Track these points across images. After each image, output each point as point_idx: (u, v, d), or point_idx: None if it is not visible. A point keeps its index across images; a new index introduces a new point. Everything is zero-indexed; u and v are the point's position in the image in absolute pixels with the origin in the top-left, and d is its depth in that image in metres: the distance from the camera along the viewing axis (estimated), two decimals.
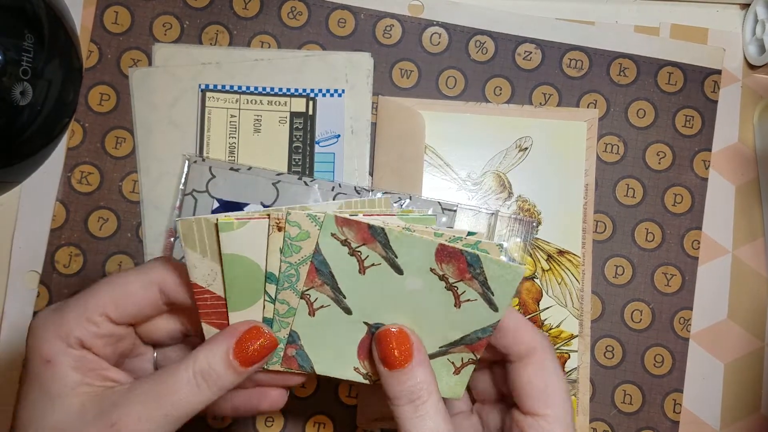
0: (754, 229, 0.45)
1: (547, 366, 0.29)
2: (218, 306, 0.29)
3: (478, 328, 0.29)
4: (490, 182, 0.43)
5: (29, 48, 0.39)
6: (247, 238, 0.27)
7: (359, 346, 0.30)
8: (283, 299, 0.29)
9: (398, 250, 0.28)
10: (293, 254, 0.28)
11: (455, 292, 0.28)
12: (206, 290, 0.29)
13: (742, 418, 0.44)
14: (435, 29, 0.44)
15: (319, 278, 0.28)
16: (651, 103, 0.44)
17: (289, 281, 0.28)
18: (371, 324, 0.29)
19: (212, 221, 0.27)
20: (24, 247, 0.42)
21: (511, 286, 0.28)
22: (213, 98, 0.43)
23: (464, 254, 0.27)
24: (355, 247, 0.28)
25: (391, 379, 0.28)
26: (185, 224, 0.27)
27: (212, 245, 0.28)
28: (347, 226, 0.27)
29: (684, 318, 0.43)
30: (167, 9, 0.43)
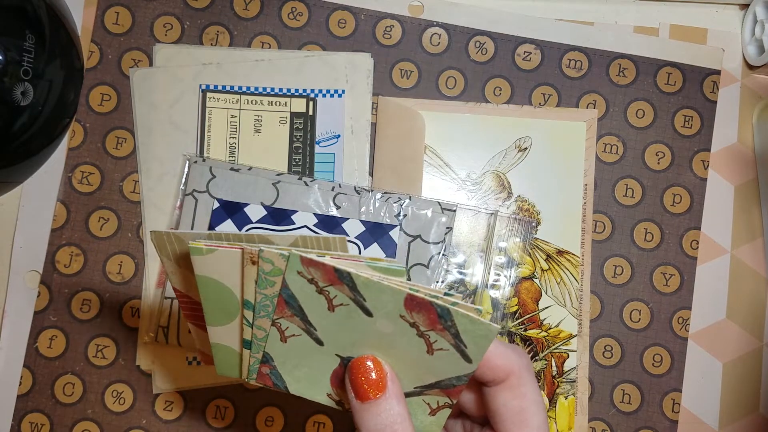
0: (753, 229, 0.45)
1: (522, 389, 0.28)
2: (196, 309, 0.30)
3: (452, 375, 0.28)
4: (489, 182, 0.43)
5: (30, 48, 0.39)
6: (217, 263, 0.28)
7: (332, 375, 0.30)
8: (259, 326, 0.29)
9: (366, 294, 0.27)
10: (268, 287, 0.28)
11: (427, 339, 0.27)
12: (185, 294, 0.30)
13: (740, 417, 0.44)
14: (435, 30, 0.44)
15: (289, 310, 0.28)
16: (650, 104, 0.44)
17: (265, 310, 0.29)
18: (344, 357, 0.29)
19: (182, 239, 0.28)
20: (25, 246, 0.42)
21: (484, 341, 0.27)
22: (213, 98, 0.43)
23: (434, 306, 0.26)
24: (322, 287, 0.27)
25: (363, 412, 0.27)
26: (158, 236, 0.28)
27: (183, 257, 0.28)
28: (313, 267, 0.27)
29: (683, 318, 0.43)
30: (168, 9, 0.43)
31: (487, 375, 0.28)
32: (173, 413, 0.42)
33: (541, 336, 0.42)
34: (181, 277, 0.29)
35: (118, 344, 0.42)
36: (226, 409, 0.42)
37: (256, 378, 0.31)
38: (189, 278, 0.29)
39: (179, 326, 0.41)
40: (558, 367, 0.42)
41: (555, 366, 0.42)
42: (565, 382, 0.42)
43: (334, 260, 0.27)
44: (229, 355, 0.31)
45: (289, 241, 0.29)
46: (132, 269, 0.42)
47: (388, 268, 0.27)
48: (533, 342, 0.42)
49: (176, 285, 0.29)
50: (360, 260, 0.27)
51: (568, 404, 0.42)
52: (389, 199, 0.41)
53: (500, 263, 0.42)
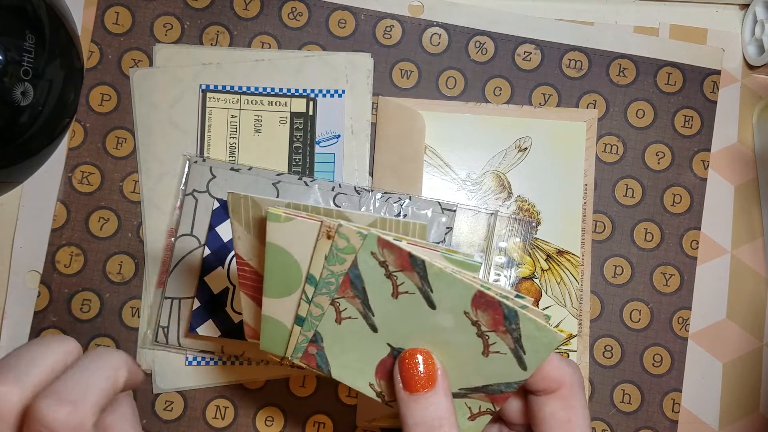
0: (753, 229, 0.45)
1: (572, 401, 0.28)
2: (254, 279, 0.30)
3: (502, 381, 0.28)
4: (489, 182, 0.43)
5: (30, 48, 0.39)
6: (291, 233, 0.28)
7: (378, 364, 0.29)
8: (318, 303, 0.29)
9: (435, 285, 0.27)
10: (337, 264, 0.28)
11: (485, 340, 0.27)
12: (246, 263, 0.30)
13: (740, 417, 0.44)
14: (435, 30, 0.44)
15: (352, 291, 0.28)
16: (650, 104, 0.44)
17: (327, 288, 0.28)
18: (395, 347, 0.29)
19: (260, 205, 0.28)
20: (25, 246, 0.42)
21: (546, 349, 0.26)
22: (213, 98, 0.43)
23: (502, 306, 0.26)
24: (392, 271, 0.27)
25: (411, 403, 0.26)
26: (235, 198, 0.28)
27: (255, 224, 0.28)
28: (388, 249, 0.27)
29: (682, 318, 0.43)
30: (168, 9, 0.43)
31: (539, 384, 0.28)
32: (173, 413, 0.42)
33: None
34: (248, 243, 0.29)
35: (118, 344, 0.42)
36: (226, 409, 0.42)
37: (301, 357, 0.30)
38: (256, 246, 0.29)
39: (179, 326, 0.41)
40: None
41: None
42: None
43: (410, 246, 0.27)
44: (278, 330, 0.30)
45: (368, 221, 0.28)
46: (132, 269, 0.42)
47: (463, 262, 0.27)
48: None
49: (241, 251, 0.29)
50: (436, 250, 0.27)
51: None
52: (389, 199, 0.41)
53: (500, 263, 0.42)
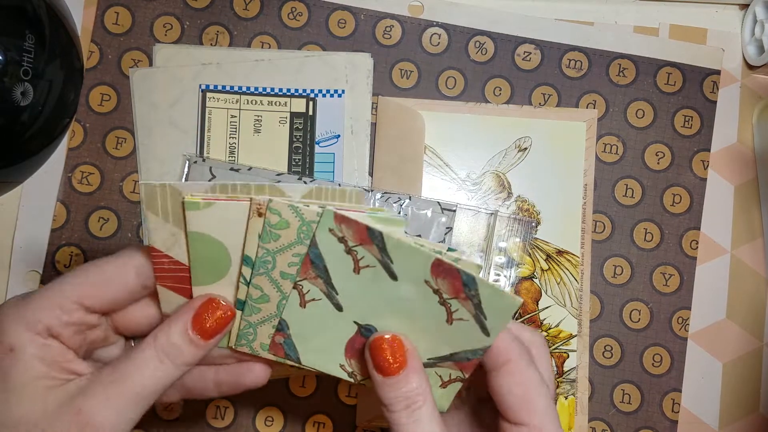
0: (753, 229, 0.45)
1: (524, 374, 0.28)
2: (175, 271, 0.29)
3: (468, 348, 0.28)
4: (489, 182, 0.43)
5: (30, 48, 0.39)
6: (214, 218, 0.27)
7: (347, 344, 0.30)
8: (257, 284, 0.29)
9: (394, 256, 0.27)
10: (271, 241, 0.28)
11: (448, 308, 0.28)
12: (164, 255, 0.28)
13: (740, 417, 0.44)
14: (435, 30, 0.44)
15: (313, 271, 0.28)
16: (650, 104, 0.44)
17: (264, 267, 0.28)
18: (362, 324, 0.29)
19: (178, 191, 0.27)
20: (25, 247, 0.42)
21: (505, 315, 0.27)
22: (213, 98, 0.43)
23: (460, 273, 0.26)
24: (351, 246, 0.27)
25: (385, 385, 0.28)
26: (149, 189, 0.27)
27: (176, 211, 0.27)
28: (345, 224, 0.27)
29: (682, 318, 0.43)
30: (168, 10, 0.43)
31: (486, 359, 0.28)
32: (173, 413, 0.42)
33: None
34: (165, 233, 0.28)
35: None
36: (226, 409, 0.42)
37: (269, 347, 0.30)
38: (174, 232, 0.28)
39: None
40: (558, 367, 0.42)
41: (555, 366, 0.42)
42: (565, 382, 0.42)
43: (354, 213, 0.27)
44: None
45: (302, 192, 0.28)
46: None
47: (387, 218, 0.27)
48: None
49: (157, 243, 0.28)
50: (362, 211, 0.27)
51: (568, 404, 0.42)
52: (389, 199, 0.41)
53: (500, 263, 0.42)
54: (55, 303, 0.27)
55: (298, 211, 0.27)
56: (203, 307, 0.28)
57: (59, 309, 0.27)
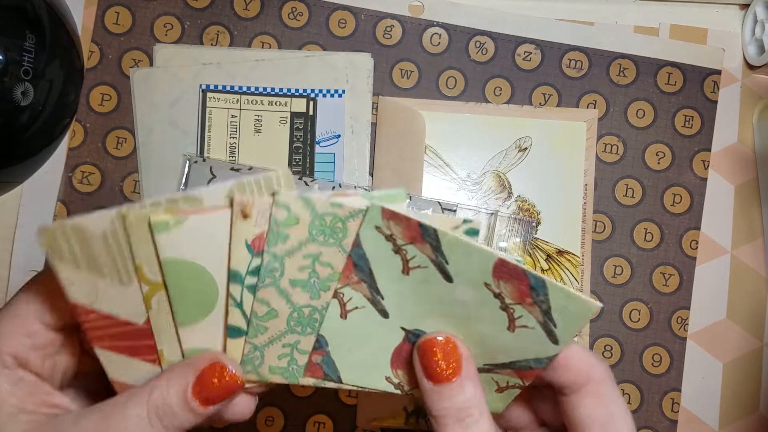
0: (753, 229, 0.45)
1: (608, 397, 0.26)
2: (108, 326, 0.24)
3: (531, 357, 0.25)
4: (489, 182, 0.43)
5: (30, 48, 0.39)
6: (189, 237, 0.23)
7: (393, 353, 0.27)
8: (263, 298, 0.25)
9: (450, 256, 0.24)
10: (279, 243, 0.24)
11: (510, 314, 0.25)
12: (90, 309, 0.24)
13: (740, 417, 0.44)
14: (435, 30, 0.44)
15: (357, 275, 0.25)
16: (650, 104, 0.44)
17: (271, 276, 0.24)
18: (410, 330, 0.26)
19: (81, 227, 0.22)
20: (25, 247, 0.42)
21: (579, 321, 0.24)
22: (214, 98, 0.43)
23: (528, 276, 0.24)
24: (400, 245, 0.24)
25: (436, 394, 0.25)
26: (48, 233, 0.22)
27: (84, 253, 0.23)
28: (395, 221, 0.24)
29: (681, 317, 0.43)
30: (168, 9, 0.43)
31: (564, 377, 0.26)
32: None
33: None
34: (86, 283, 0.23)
35: None
36: None
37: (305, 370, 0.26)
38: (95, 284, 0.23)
39: None
40: None
41: None
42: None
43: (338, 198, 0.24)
44: None
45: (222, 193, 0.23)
46: None
47: (385, 195, 0.24)
48: None
49: (78, 298, 0.23)
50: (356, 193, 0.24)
51: None
52: None
53: None
54: (17, 328, 0.25)
55: (309, 202, 0.23)
56: (208, 370, 0.25)
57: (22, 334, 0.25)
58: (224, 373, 0.25)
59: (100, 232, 0.23)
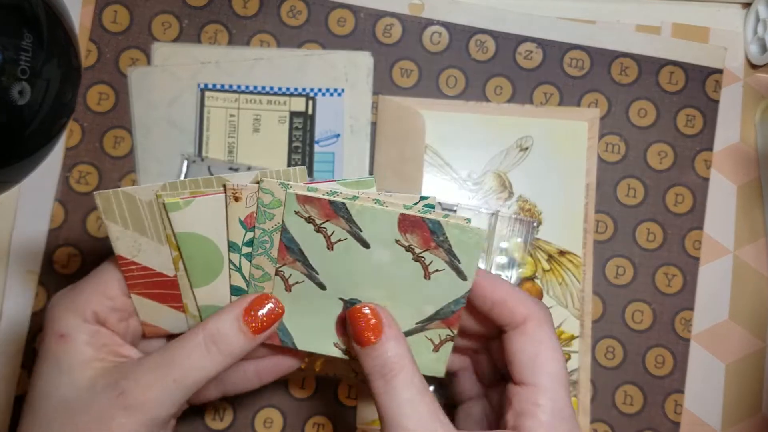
0: (756, 229, 0.45)
1: (539, 335, 0.28)
2: (145, 276, 0.29)
3: (450, 300, 0.29)
4: (490, 182, 0.43)
5: (28, 47, 0.39)
6: (196, 214, 0.28)
7: (337, 321, 0.30)
8: (258, 264, 0.29)
9: (362, 223, 0.28)
10: (266, 221, 0.28)
11: (423, 262, 0.28)
12: (131, 261, 0.29)
13: (743, 419, 0.43)
14: (435, 28, 0.44)
15: (290, 255, 0.29)
16: (652, 103, 0.44)
17: (263, 247, 0.29)
18: (346, 299, 0.30)
19: (131, 196, 0.27)
20: (22, 247, 0.42)
21: (475, 249, 0.28)
22: (212, 98, 0.42)
23: (426, 221, 0.27)
24: (320, 224, 0.28)
25: (365, 356, 0.28)
26: (104, 198, 0.27)
27: (135, 217, 0.28)
28: (309, 204, 0.27)
29: (685, 318, 0.43)
30: (166, 8, 0.43)
31: (504, 315, 0.28)
32: None
33: None
34: (129, 240, 0.28)
35: None
36: (225, 410, 0.41)
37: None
38: (138, 240, 0.28)
39: None
40: None
41: None
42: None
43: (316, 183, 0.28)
44: None
45: (249, 179, 0.28)
46: None
47: (357, 181, 0.28)
48: None
49: (123, 251, 0.28)
50: (330, 180, 0.28)
51: None
52: None
53: (501, 264, 0.42)
54: (101, 291, 0.29)
55: (287, 187, 0.27)
56: (256, 301, 0.29)
57: (104, 296, 0.29)
58: (268, 301, 0.29)
59: (147, 200, 0.28)
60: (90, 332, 0.28)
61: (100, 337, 0.28)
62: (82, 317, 0.28)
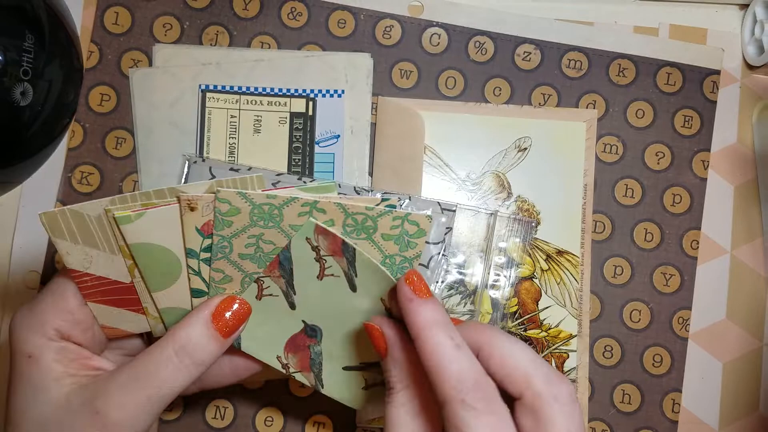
0: (753, 229, 0.45)
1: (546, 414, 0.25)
2: (100, 285, 0.29)
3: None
4: (489, 182, 0.43)
5: (30, 48, 0.39)
6: (149, 225, 0.28)
7: (289, 339, 0.32)
8: (217, 268, 0.30)
9: (360, 271, 0.30)
10: (225, 228, 0.29)
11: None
12: (84, 273, 0.29)
13: (740, 417, 0.44)
14: (434, 30, 0.44)
15: (279, 271, 0.30)
16: (650, 104, 0.44)
17: (222, 252, 0.29)
18: (308, 323, 0.32)
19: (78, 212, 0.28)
20: (24, 247, 0.42)
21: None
22: (213, 99, 0.43)
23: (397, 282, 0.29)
24: (322, 255, 0.29)
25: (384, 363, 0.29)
26: (49, 216, 0.28)
27: (83, 232, 0.28)
28: (323, 236, 0.29)
29: (683, 318, 0.43)
30: (167, 9, 0.43)
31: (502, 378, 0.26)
32: (173, 413, 0.42)
33: (540, 336, 0.42)
34: (80, 254, 0.29)
35: None
36: (226, 409, 0.42)
37: None
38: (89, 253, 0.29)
39: None
40: (558, 368, 0.42)
41: (555, 366, 0.42)
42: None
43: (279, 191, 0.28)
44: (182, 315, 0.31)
45: (205, 187, 0.29)
46: None
47: (318, 186, 0.29)
48: (533, 342, 0.42)
49: (75, 265, 0.29)
50: (290, 186, 0.29)
51: None
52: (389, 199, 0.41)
53: (500, 263, 0.42)
54: (60, 306, 0.29)
55: (247, 197, 0.28)
56: (223, 304, 0.29)
57: (64, 311, 0.29)
58: (234, 302, 0.29)
59: (95, 215, 0.28)
60: (56, 349, 0.28)
61: (67, 352, 0.28)
62: (45, 336, 0.28)
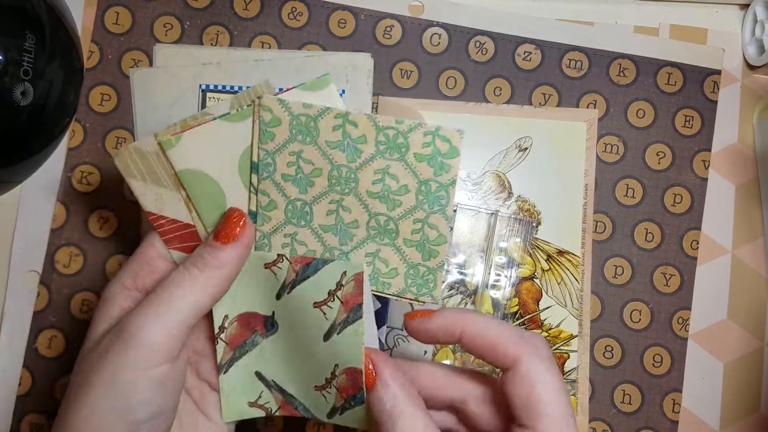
0: (754, 229, 0.45)
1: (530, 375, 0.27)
2: (177, 230, 0.29)
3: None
4: (489, 182, 0.43)
5: (30, 48, 0.39)
6: (189, 149, 0.28)
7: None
8: (264, 190, 0.29)
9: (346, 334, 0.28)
10: (268, 141, 0.28)
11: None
12: (160, 216, 0.29)
13: (741, 417, 0.44)
14: (435, 30, 0.44)
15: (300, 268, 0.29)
16: (650, 104, 0.44)
17: (267, 171, 0.29)
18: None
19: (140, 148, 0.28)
20: (24, 247, 0.42)
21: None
22: (213, 99, 0.43)
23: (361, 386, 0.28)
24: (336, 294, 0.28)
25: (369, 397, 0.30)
26: (120, 156, 0.28)
27: (148, 169, 0.28)
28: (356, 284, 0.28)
29: (682, 318, 0.43)
30: (168, 9, 0.43)
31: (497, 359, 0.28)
32: None
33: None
34: (152, 194, 0.29)
35: None
36: None
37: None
38: (161, 194, 0.29)
39: None
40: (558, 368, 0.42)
41: None
42: (566, 383, 0.42)
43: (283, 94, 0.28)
44: None
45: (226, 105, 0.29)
46: None
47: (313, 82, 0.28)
48: None
49: (149, 207, 0.29)
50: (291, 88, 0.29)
51: None
52: None
53: (501, 263, 0.42)
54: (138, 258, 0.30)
55: (286, 105, 0.27)
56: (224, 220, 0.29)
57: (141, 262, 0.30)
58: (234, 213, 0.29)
59: (153, 150, 0.28)
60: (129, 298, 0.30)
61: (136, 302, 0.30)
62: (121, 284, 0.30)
